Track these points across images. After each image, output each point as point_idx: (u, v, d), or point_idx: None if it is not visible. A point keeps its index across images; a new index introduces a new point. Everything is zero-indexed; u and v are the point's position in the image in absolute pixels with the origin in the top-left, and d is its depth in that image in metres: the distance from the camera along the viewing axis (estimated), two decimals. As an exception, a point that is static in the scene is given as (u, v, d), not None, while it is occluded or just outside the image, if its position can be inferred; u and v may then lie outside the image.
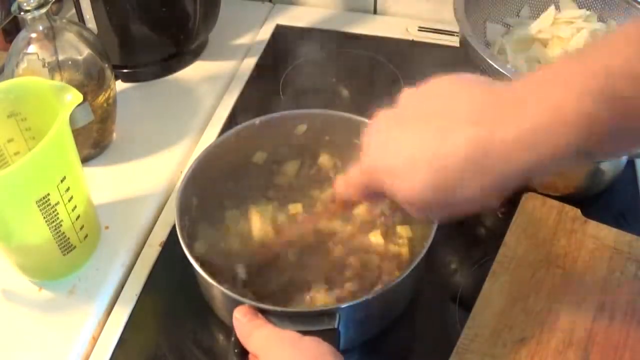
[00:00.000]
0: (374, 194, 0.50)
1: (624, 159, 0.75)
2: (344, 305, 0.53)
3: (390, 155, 0.46)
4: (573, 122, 0.39)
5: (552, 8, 0.81)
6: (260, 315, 0.52)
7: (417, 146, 0.44)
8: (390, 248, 0.65)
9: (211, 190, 0.67)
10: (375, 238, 0.65)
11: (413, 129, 0.45)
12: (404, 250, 0.64)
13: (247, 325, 0.51)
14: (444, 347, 0.58)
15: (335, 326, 0.51)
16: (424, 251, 0.56)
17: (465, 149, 0.42)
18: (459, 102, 0.44)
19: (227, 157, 0.68)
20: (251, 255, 0.64)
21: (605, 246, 0.65)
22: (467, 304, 0.62)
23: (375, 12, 1.04)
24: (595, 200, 0.74)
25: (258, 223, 0.66)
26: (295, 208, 0.68)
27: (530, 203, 0.69)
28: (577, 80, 0.40)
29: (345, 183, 0.53)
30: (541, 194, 0.71)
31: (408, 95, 0.48)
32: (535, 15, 0.83)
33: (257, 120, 0.69)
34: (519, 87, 0.43)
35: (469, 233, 0.73)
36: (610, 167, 0.73)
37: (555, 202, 0.69)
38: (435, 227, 0.57)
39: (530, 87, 0.42)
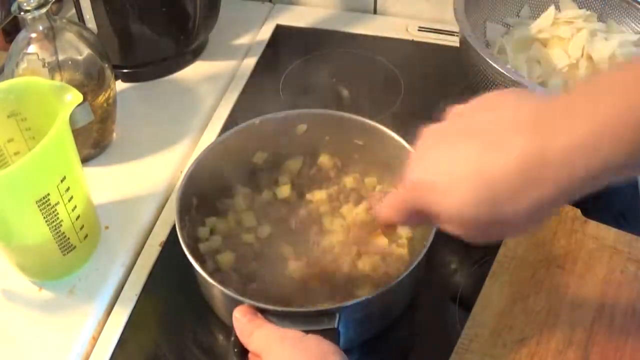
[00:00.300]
0: (416, 216, 0.47)
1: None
2: (343, 305, 0.53)
3: (436, 170, 0.44)
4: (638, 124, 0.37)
5: (552, 8, 0.81)
6: (260, 314, 0.52)
7: (464, 160, 0.42)
8: (391, 248, 0.65)
9: (211, 190, 0.67)
10: (380, 238, 0.65)
11: (460, 144, 0.43)
12: (404, 251, 0.64)
13: (247, 325, 0.51)
14: (444, 347, 0.58)
15: (335, 326, 0.51)
16: (424, 251, 0.56)
17: (518, 159, 0.39)
18: (508, 113, 0.42)
19: (227, 157, 0.68)
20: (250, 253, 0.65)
21: (605, 246, 0.65)
22: (467, 304, 0.62)
23: (375, 12, 1.04)
24: (595, 200, 0.73)
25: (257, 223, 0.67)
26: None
27: (530, 203, 0.69)
28: (637, 86, 0.38)
29: (388, 204, 0.50)
30: (541, 194, 0.71)
31: (455, 111, 0.47)
32: (535, 15, 0.83)
33: (257, 120, 0.69)
34: (572, 95, 0.41)
35: (469, 233, 0.72)
36: (610, 167, 0.73)
37: (555, 202, 0.69)
38: (434, 228, 0.57)
39: (586, 95, 0.40)
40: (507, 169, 0.40)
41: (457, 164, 0.42)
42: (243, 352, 0.51)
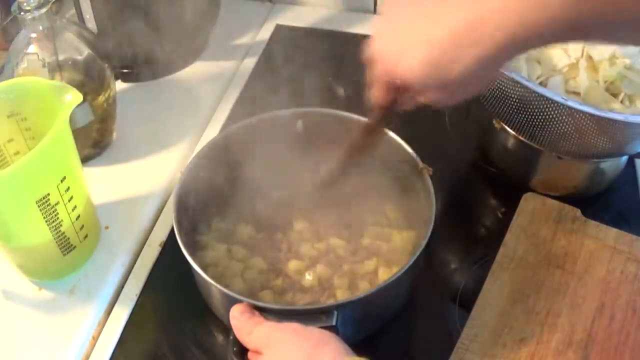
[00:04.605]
0: (392, 89, 0.51)
1: (624, 159, 0.75)
2: (341, 303, 0.53)
3: (393, 41, 0.49)
4: None
5: (552, 8, 0.81)
6: (257, 312, 0.52)
7: (416, 29, 0.47)
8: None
9: (208, 189, 0.67)
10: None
11: (410, 17, 0.48)
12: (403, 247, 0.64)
13: (245, 323, 0.51)
14: (444, 347, 0.58)
15: (334, 323, 0.51)
16: (421, 249, 0.56)
17: (456, 23, 0.44)
18: None
19: (224, 155, 0.67)
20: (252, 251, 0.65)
21: (605, 246, 0.65)
22: (467, 304, 0.62)
23: (375, 12, 1.04)
24: (595, 200, 0.74)
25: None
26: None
27: (530, 203, 0.69)
28: None
29: (372, 88, 0.54)
30: (541, 194, 0.71)
31: None
32: (535, 15, 0.83)
33: (254, 119, 0.68)
34: None
35: (469, 233, 0.73)
36: (610, 167, 0.73)
37: (555, 202, 0.69)
38: (431, 226, 0.57)
39: None
40: (449, 33, 0.44)
41: (410, 33, 0.47)
42: (242, 351, 0.51)
